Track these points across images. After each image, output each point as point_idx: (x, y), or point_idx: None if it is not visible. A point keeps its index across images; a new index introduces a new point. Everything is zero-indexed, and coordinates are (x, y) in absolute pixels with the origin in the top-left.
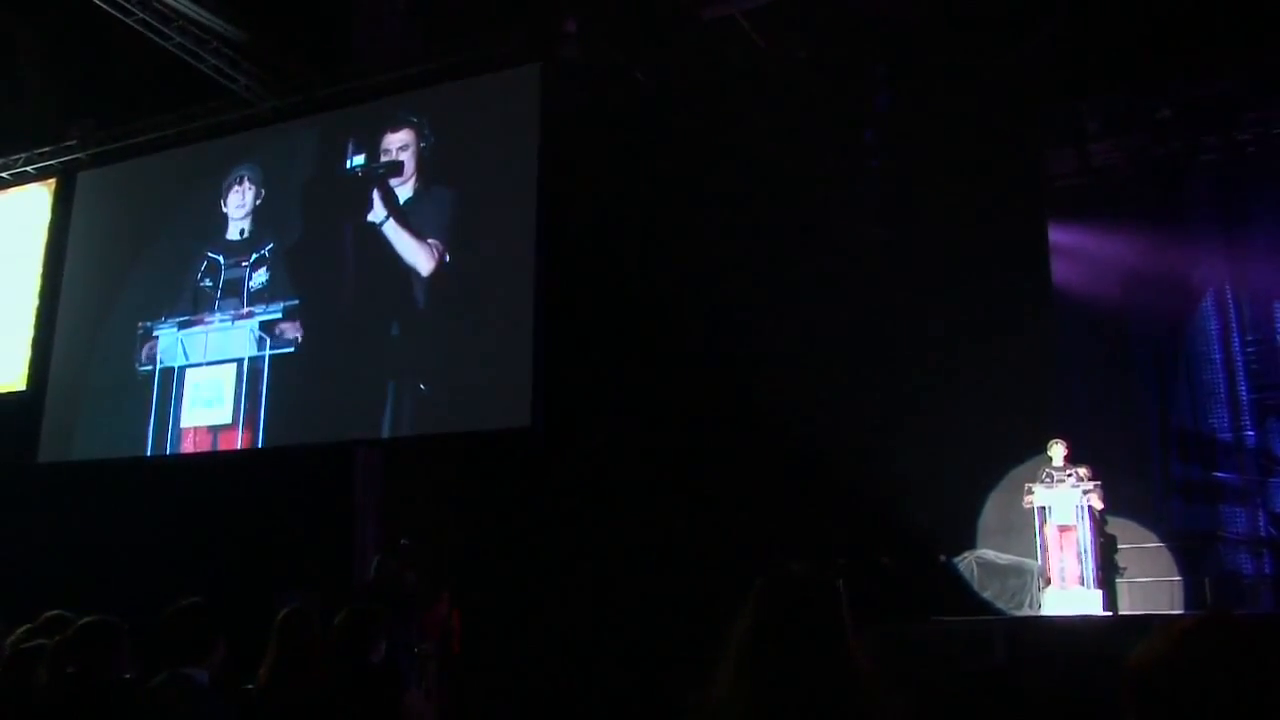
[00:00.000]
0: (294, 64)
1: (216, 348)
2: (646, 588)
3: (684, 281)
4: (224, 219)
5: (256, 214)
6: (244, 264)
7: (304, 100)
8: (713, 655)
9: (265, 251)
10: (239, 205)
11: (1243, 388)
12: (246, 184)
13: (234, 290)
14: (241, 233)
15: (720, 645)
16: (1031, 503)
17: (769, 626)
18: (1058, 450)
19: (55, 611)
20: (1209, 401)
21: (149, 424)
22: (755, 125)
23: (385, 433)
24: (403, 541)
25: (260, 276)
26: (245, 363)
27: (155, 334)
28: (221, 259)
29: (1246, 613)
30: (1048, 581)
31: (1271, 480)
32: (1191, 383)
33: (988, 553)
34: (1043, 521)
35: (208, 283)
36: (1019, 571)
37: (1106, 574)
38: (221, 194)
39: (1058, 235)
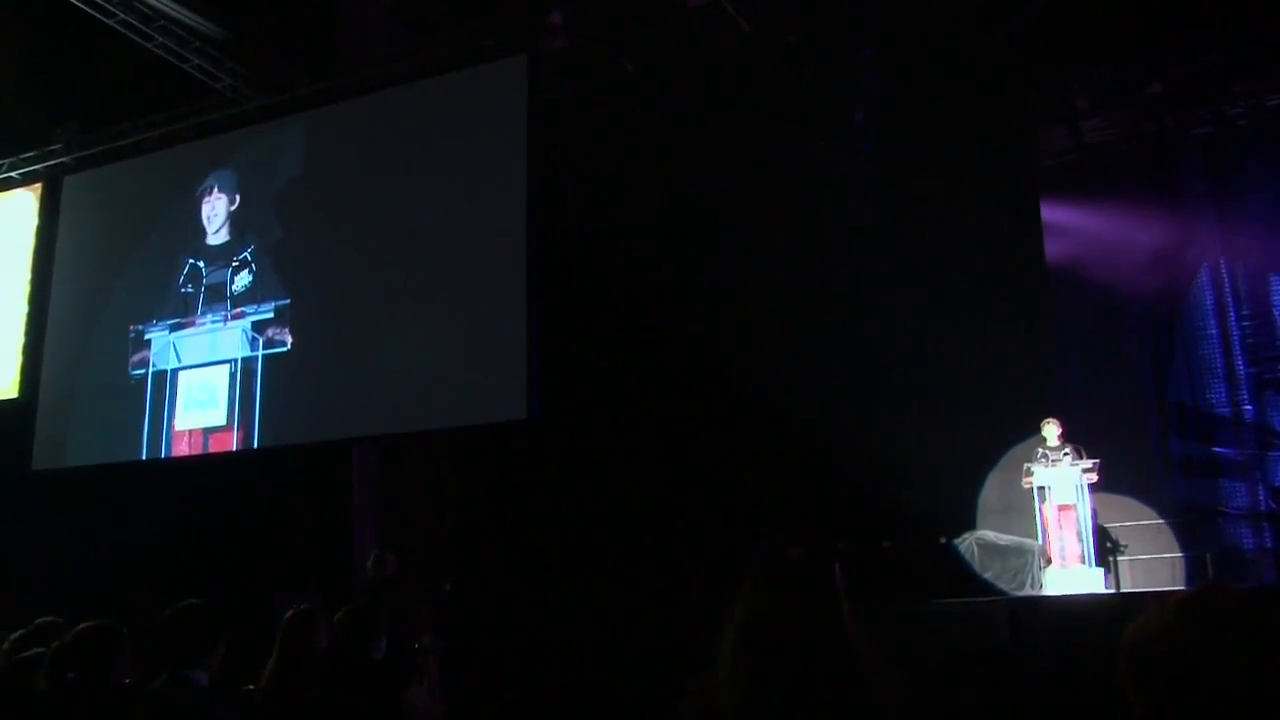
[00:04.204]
0: (278, 62)
1: (209, 349)
2: (646, 576)
3: (677, 270)
4: (203, 222)
5: (234, 219)
6: (225, 268)
7: (289, 99)
8: (712, 642)
9: (247, 254)
10: (210, 216)
11: (1240, 362)
12: (217, 193)
13: (218, 294)
14: (222, 236)
15: (719, 631)
16: (1031, 483)
17: (765, 611)
18: (1052, 429)
19: (48, 617)
20: (1206, 377)
21: (143, 427)
22: (745, 111)
23: (381, 429)
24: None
25: (243, 279)
26: (239, 363)
27: (147, 337)
28: (203, 264)
29: (1243, 586)
30: (1048, 561)
31: (1271, 454)
32: (1189, 358)
33: (988, 533)
34: (1042, 501)
35: (189, 288)
36: (1020, 551)
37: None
38: (198, 199)
39: (1051, 213)
